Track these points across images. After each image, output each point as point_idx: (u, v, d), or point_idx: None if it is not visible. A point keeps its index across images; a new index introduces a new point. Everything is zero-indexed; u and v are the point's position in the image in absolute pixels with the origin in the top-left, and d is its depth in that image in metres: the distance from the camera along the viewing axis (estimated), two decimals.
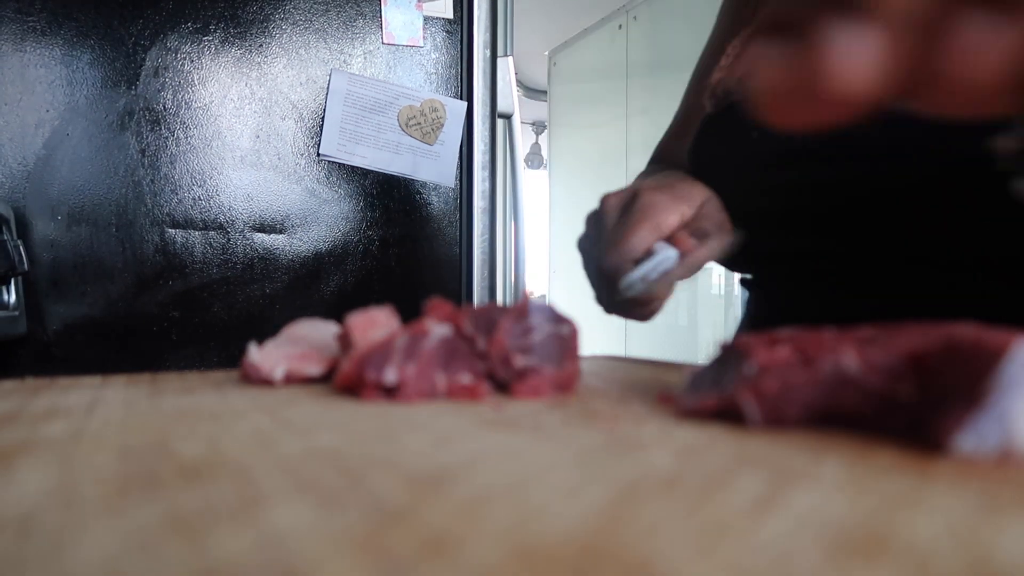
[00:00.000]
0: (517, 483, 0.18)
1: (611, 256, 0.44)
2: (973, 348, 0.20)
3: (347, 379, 0.32)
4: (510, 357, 0.33)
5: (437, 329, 0.32)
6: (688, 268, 0.44)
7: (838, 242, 0.50)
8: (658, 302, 0.48)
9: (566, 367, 0.34)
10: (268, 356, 0.37)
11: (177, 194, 1.04)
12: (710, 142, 0.58)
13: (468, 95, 1.18)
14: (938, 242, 0.45)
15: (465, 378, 0.33)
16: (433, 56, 1.16)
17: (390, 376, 0.31)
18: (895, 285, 0.48)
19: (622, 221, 0.45)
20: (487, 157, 1.19)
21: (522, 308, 0.34)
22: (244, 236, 1.08)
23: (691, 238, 0.44)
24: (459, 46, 1.18)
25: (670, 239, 0.44)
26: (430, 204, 1.17)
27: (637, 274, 0.43)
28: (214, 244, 1.06)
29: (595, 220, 0.49)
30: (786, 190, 0.51)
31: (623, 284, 0.43)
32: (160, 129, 1.03)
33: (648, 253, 0.43)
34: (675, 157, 0.72)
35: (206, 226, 1.05)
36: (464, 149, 1.18)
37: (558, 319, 0.35)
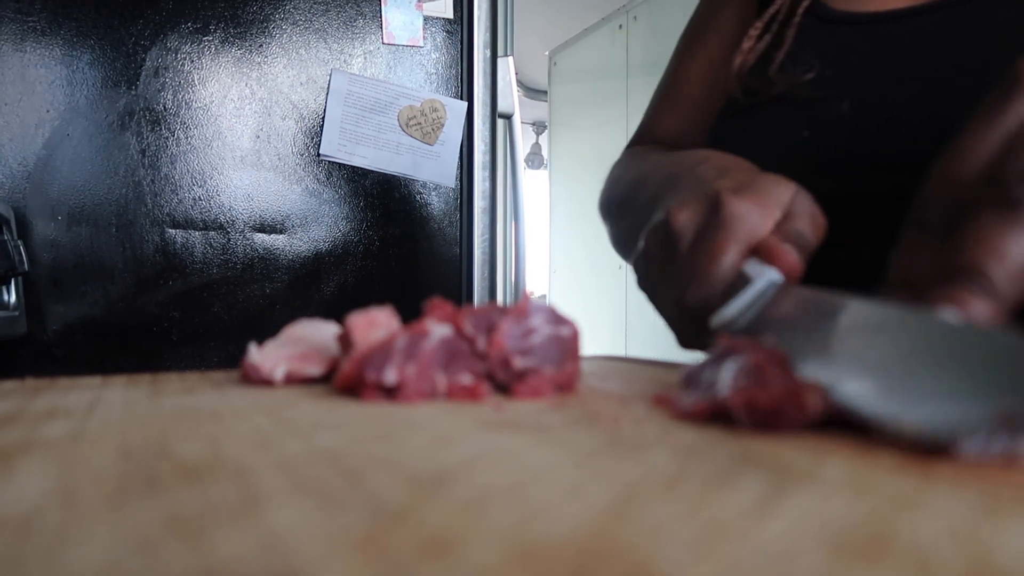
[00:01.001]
0: (517, 484, 0.18)
1: (695, 290, 0.36)
2: None
3: (347, 379, 0.32)
4: (509, 359, 0.33)
5: (437, 329, 0.32)
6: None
7: (873, 249, 0.49)
8: None
9: (566, 368, 0.34)
10: (268, 356, 0.37)
11: (177, 194, 1.04)
12: (737, 132, 0.55)
13: (468, 95, 1.18)
14: None
15: (465, 378, 0.33)
16: (433, 56, 1.16)
17: (390, 377, 0.31)
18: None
19: (702, 241, 0.37)
20: (487, 157, 1.19)
21: (522, 309, 0.34)
22: (244, 236, 1.08)
23: (789, 247, 0.35)
24: (459, 46, 1.18)
25: (762, 254, 0.35)
26: (430, 204, 1.17)
27: (734, 309, 0.34)
28: (214, 244, 1.06)
29: (662, 238, 0.40)
30: (825, 194, 0.50)
31: (716, 322, 0.34)
32: (160, 129, 1.03)
33: (741, 279, 0.35)
34: (663, 132, 0.68)
35: (206, 226, 1.05)
36: (464, 149, 1.18)
37: (558, 320, 0.35)
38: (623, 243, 0.59)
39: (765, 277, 0.34)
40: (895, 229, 0.48)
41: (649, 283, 0.43)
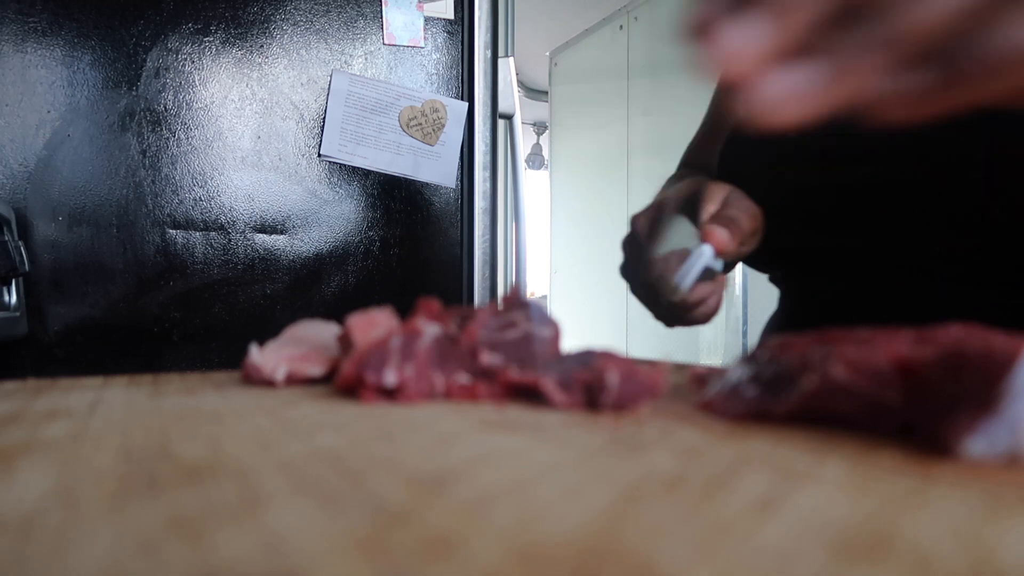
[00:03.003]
0: (518, 484, 0.18)
1: (653, 268, 0.46)
2: (983, 355, 0.20)
3: (347, 380, 0.32)
4: (477, 350, 0.32)
5: (429, 329, 0.32)
6: (729, 258, 0.46)
7: (870, 242, 0.50)
8: (713, 299, 0.49)
9: (534, 368, 0.34)
10: (269, 357, 0.37)
11: (178, 195, 1.04)
12: (744, 139, 0.58)
13: (469, 96, 1.18)
14: (971, 244, 0.46)
15: (463, 378, 0.33)
16: (434, 57, 1.17)
17: (389, 378, 0.31)
18: (928, 285, 0.48)
19: (654, 234, 0.47)
20: (488, 158, 1.19)
21: (508, 301, 0.34)
22: (245, 237, 1.08)
23: (720, 228, 0.45)
24: (460, 47, 1.18)
25: (700, 236, 0.45)
26: (431, 205, 1.17)
27: (680, 275, 0.44)
28: (215, 245, 1.06)
29: (630, 243, 0.50)
30: (823, 189, 0.51)
31: (674, 286, 0.45)
32: (161, 130, 1.03)
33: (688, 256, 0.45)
34: (706, 159, 0.72)
35: (207, 227, 1.05)
36: (465, 150, 1.18)
37: (542, 319, 0.35)
38: None
39: (699, 250, 0.45)
40: (880, 219, 0.49)
41: (632, 284, 0.52)
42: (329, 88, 1.10)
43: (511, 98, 1.22)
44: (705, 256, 0.45)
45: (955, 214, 0.46)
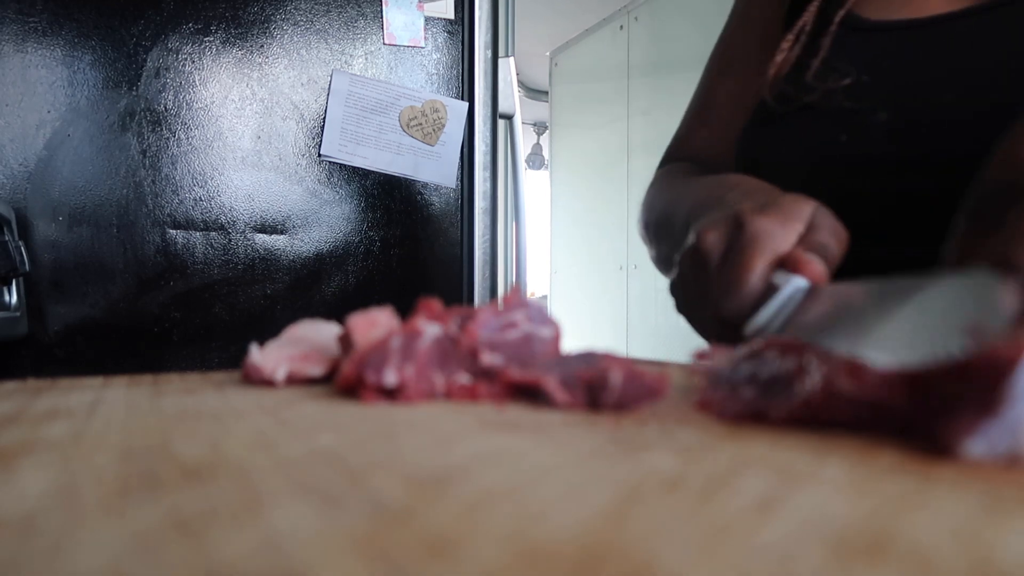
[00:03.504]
0: (519, 484, 0.18)
1: (728, 302, 0.39)
2: (984, 356, 0.20)
3: (347, 380, 0.32)
4: (477, 350, 0.33)
5: (430, 329, 0.32)
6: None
7: (915, 248, 0.49)
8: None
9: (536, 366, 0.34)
10: (269, 357, 0.37)
11: (178, 195, 1.04)
12: (770, 139, 0.55)
13: (469, 96, 1.18)
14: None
15: (463, 378, 0.33)
16: (434, 57, 1.17)
17: (390, 378, 0.31)
18: None
19: (730, 258, 0.39)
20: (488, 158, 1.19)
21: (508, 301, 0.34)
22: (245, 237, 1.08)
23: (813, 256, 0.37)
24: (460, 47, 1.18)
25: (788, 264, 0.38)
26: (431, 205, 1.17)
27: (765, 316, 0.36)
28: (215, 245, 1.06)
29: (693, 259, 0.42)
30: (865, 195, 0.49)
31: (750, 331, 0.37)
32: (161, 130, 1.03)
33: (771, 289, 0.37)
34: (694, 149, 0.68)
35: (207, 227, 1.05)
36: (465, 150, 1.18)
37: (542, 319, 0.35)
38: (662, 264, 0.61)
39: (792, 284, 0.36)
40: (935, 229, 0.48)
41: (686, 304, 0.45)
42: (329, 88, 1.10)
43: (511, 98, 1.23)
44: (801, 292, 0.36)
45: None
